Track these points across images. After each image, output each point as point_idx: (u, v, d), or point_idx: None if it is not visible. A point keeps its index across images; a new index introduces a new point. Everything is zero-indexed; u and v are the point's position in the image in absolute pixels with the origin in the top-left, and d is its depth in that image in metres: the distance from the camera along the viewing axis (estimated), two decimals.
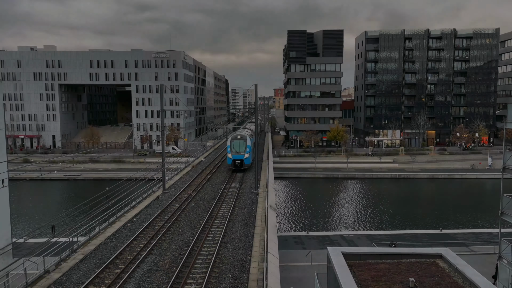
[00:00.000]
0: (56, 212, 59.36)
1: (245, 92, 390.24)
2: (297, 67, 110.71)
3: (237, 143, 51.67)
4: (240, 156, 51.11)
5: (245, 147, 51.17)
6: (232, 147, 51.47)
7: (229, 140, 52.26)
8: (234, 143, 51.68)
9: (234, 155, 51.20)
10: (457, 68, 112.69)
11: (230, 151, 51.36)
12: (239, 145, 51.50)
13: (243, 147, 51.30)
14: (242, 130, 62.92)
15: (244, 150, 51.04)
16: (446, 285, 15.82)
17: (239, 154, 51.08)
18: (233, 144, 51.66)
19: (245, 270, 21.08)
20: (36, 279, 19.80)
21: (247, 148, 51.17)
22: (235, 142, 51.71)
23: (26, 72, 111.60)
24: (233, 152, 51.20)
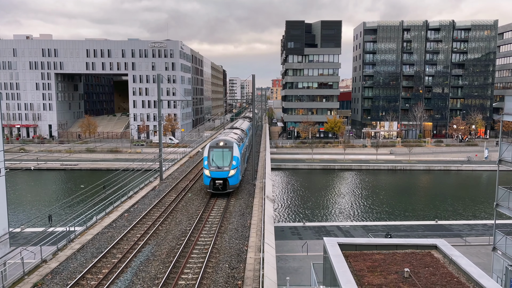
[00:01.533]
0: (53, 202, 59.35)
1: (243, 82, 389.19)
2: (295, 57, 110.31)
3: (218, 153, 34.84)
4: (222, 173, 33.82)
5: (230, 159, 34.43)
6: (210, 159, 34.57)
7: (207, 148, 35.32)
8: (214, 154, 34.78)
9: (213, 172, 33.78)
10: (455, 60, 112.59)
11: (207, 166, 34.22)
12: (221, 156, 34.71)
13: (227, 159, 34.51)
14: (228, 131, 45.67)
15: (229, 164, 34.21)
16: (440, 275, 15.98)
17: (221, 171, 33.86)
18: (212, 155, 34.72)
19: (241, 260, 21.21)
20: (33, 268, 19.86)
21: (234, 160, 34.54)
22: (215, 152, 34.88)
23: (22, 61, 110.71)
24: (212, 167, 34.02)
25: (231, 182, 34.19)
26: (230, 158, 34.47)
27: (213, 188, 34.01)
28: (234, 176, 34.27)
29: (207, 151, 35.10)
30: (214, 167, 33.95)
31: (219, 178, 33.74)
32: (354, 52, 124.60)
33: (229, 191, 34.30)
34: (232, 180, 34.18)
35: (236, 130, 47.23)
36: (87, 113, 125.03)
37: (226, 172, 33.95)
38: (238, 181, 35.11)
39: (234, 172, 34.20)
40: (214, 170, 33.81)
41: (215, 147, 35.15)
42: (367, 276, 15.99)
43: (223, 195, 34.70)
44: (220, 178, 33.72)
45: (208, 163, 34.33)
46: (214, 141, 35.94)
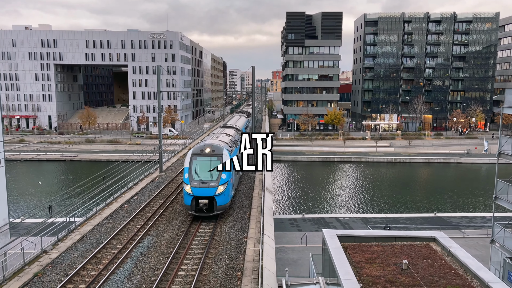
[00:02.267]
0: (53, 193, 59.49)
1: (243, 74, 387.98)
2: (295, 49, 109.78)
3: (203, 163, 26.48)
4: (207, 190, 25.45)
5: (218, 172, 25.84)
6: (193, 170, 26.27)
7: (189, 156, 27.20)
8: (198, 163, 26.52)
9: (196, 188, 25.49)
10: (456, 53, 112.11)
11: (188, 180, 25.87)
12: (207, 167, 26.22)
13: (215, 172, 25.85)
14: (219, 131, 35.93)
15: (218, 177, 25.80)
16: (438, 267, 16.08)
17: (206, 186, 25.49)
18: (195, 165, 26.46)
19: (241, 251, 21.32)
20: (33, 259, 19.97)
21: (224, 172, 25.81)
22: (199, 162, 26.59)
23: (21, 52, 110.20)
24: (194, 182, 25.69)
25: (220, 201, 25.37)
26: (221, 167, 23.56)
27: (195, 210, 25.22)
28: (224, 194, 25.48)
29: (188, 160, 26.47)
30: (197, 181, 25.29)
31: (204, 197, 25.09)
32: (355, 44, 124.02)
33: (217, 213, 25.65)
34: (220, 199, 25.34)
35: (229, 130, 37.59)
36: (86, 104, 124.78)
37: (213, 188, 25.23)
38: (228, 199, 26.33)
39: (224, 188, 25.37)
40: (197, 185, 25.15)
41: (199, 154, 26.55)
42: (365, 267, 16.09)
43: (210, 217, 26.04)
44: (204, 196, 25.10)
45: (190, 176, 25.65)
46: (198, 147, 27.39)
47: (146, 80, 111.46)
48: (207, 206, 25.25)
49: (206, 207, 25.24)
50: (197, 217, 26.10)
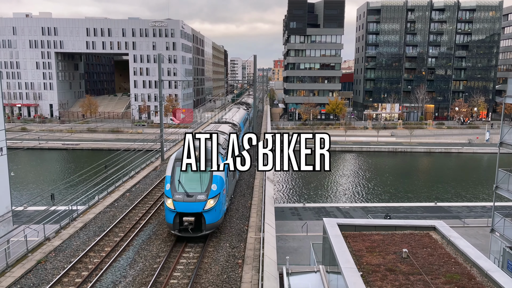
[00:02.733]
0: (55, 181, 59.76)
1: (244, 63, 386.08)
2: (297, 38, 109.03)
3: (189, 174, 21.44)
4: (193, 205, 20.69)
5: (208, 181, 21.35)
6: (176, 180, 21.48)
7: (171, 162, 22.43)
8: (183, 175, 21.53)
9: (179, 203, 20.70)
10: (459, 41, 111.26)
11: (170, 192, 21.12)
12: (193, 175, 21.44)
13: (203, 180, 21.40)
14: (213, 129, 30.45)
15: (207, 189, 21.11)
16: (438, 256, 16.19)
17: (192, 201, 20.72)
18: (179, 174, 21.61)
19: (242, 239, 21.47)
20: (36, 246, 20.15)
21: (215, 181, 21.33)
22: (184, 172, 21.37)
23: (22, 40, 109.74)
24: (177, 195, 20.87)
25: (210, 218, 20.52)
26: (209, 179, 20.99)
27: (179, 229, 20.46)
28: (214, 209, 20.62)
29: (170, 167, 21.73)
30: (181, 194, 20.44)
31: (189, 213, 20.31)
32: (357, 32, 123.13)
33: (206, 233, 20.63)
34: (210, 215, 20.51)
35: (224, 126, 31.75)
36: (87, 93, 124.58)
37: (200, 203, 20.35)
38: (220, 215, 21.35)
39: (214, 202, 20.56)
40: (180, 199, 20.30)
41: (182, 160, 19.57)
42: (365, 256, 16.21)
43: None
44: (190, 213, 20.31)
45: (172, 187, 20.87)
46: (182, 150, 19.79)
47: (147, 68, 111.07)
48: (193, 225, 20.22)
49: (192, 226, 20.20)
50: None
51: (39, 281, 16.97)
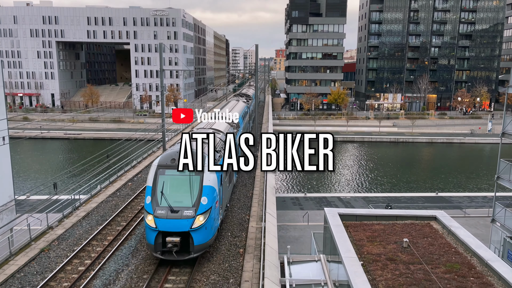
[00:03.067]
0: (57, 170, 59.98)
1: (246, 52, 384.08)
2: (299, 27, 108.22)
3: (175, 181, 17.85)
4: (178, 222, 16.83)
5: (197, 193, 17.43)
6: (158, 192, 17.61)
7: (153, 169, 18.49)
8: (167, 181, 17.90)
9: (161, 220, 16.85)
10: (462, 31, 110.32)
11: (151, 207, 17.29)
12: (181, 184, 17.72)
13: (192, 191, 17.51)
14: (206, 126, 25.65)
15: (195, 202, 17.26)
16: (438, 245, 16.27)
17: (177, 217, 16.85)
18: (162, 184, 17.79)
19: (243, 229, 21.59)
20: (40, 235, 20.30)
21: (205, 193, 17.48)
22: (169, 179, 17.95)
23: (23, 29, 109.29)
24: (160, 211, 17.05)
25: (199, 238, 16.95)
26: (198, 191, 17.31)
27: (161, 251, 16.94)
28: (205, 227, 17.06)
29: (152, 175, 18.01)
30: (164, 209, 16.87)
31: (174, 233, 16.79)
32: (360, 22, 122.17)
33: (195, 255, 17.04)
34: (199, 235, 16.93)
35: (219, 124, 27.10)
36: (89, 82, 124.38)
37: (187, 220, 16.71)
38: (212, 234, 17.83)
39: (205, 218, 16.96)
40: (163, 215, 16.72)
41: (168, 167, 17.91)
42: (366, 245, 16.29)
43: None
44: (174, 232, 16.79)
45: (153, 200, 17.31)
46: (168, 154, 18.65)
47: (148, 58, 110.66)
48: (178, 247, 16.54)
49: (177, 248, 16.53)
50: None
51: (43, 269, 17.14)
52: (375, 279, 13.69)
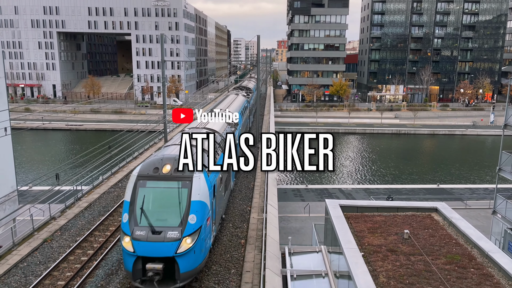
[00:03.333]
0: (59, 161, 60.14)
1: (247, 43, 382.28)
2: (301, 18, 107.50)
3: (157, 194, 14.85)
4: (162, 246, 13.75)
5: (183, 210, 14.32)
6: (137, 208, 14.46)
7: (132, 181, 15.12)
8: (148, 195, 14.73)
9: (140, 243, 13.75)
10: (465, 22, 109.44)
11: (127, 227, 14.14)
12: (165, 199, 14.86)
13: (179, 210, 14.36)
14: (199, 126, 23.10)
15: (182, 221, 14.15)
16: (439, 237, 16.31)
17: (160, 240, 13.74)
18: (142, 198, 14.61)
19: (245, 220, 21.68)
20: (42, 225, 20.43)
21: (193, 210, 14.36)
22: (150, 192, 14.81)
23: (24, 19, 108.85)
24: (140, 231, 13.92)
25: (185, 265, 14.12)
26: (185, 207, 14.46)
27: (140, 280, 14.06)
28: (193, 251, 14.23)
29: (130, 188, 15.04)
30: (144, 230, 14.03)
31: (155, 258, 14.00)
32: (362, 12, 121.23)
33: (181, 285, 14.11)
34: (187, 261, 14.13)
35: (215, 124, 23.53)
36: (90, 73, 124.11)
37: (171, 244, 13.86)
38: (202, 258, 14.93)
39: (193, 241, 14.11)
40: (142, 237, 13.88)
41: (150, 177, 15.03)
42: (367, 237, 16.35)
43: None
44: (156, 257, 14.00)
45: (132, 218, 14.39)
46: (150, 162, 15.53)
47: (150, 49, 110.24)
48: (161, 275, 13.72)
49: (159, 277, 13.69)
50: None
51: (46, 259, 17.28)
52: (376, 270, 13.76)
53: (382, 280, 13.14)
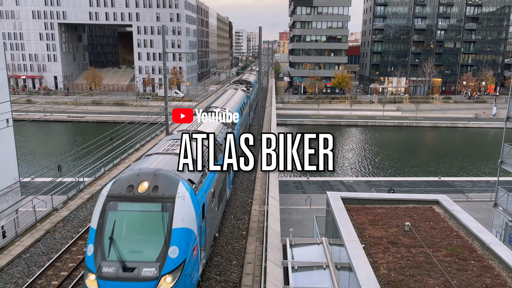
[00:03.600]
0: (61, 153, 60.27)
1: (249, 35, 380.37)
2: (303, 9, 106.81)
3: (131, 219, 11.65)
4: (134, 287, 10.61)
5: (163, 241, 11.21)
6: (106, 237, 11.33)
7: (101, 201, 11.92)
8: (120, 220, 11.57)
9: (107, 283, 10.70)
10: (469, 13, 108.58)
11: (93, 263, 10.99)
12: (141, 225, 11.68)
13: (159, 239, 11.28)
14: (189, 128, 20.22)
15: (159, 257, 11.06)
16: (440, 229, 16.35)
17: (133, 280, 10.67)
18: (112, 224, 11.45)
19: (246, 211, 21.74)
20: (45, 216, 20.53)
21: (175, 241, 11.21)
22: (123, 216, 11.63)
23: (25, 10, 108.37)
24: (108, 267, 10.87)
25: None
26: (165, 236, 11.39)
27: None
28: None
29: (98, 211, 11.90)
30: (114, 265, 11.00)
31: None
32: (365, 4, 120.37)
33: None
34: None
35: (209, 125, 20.91)
36: (91, 65, 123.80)
37: (146, 284, 10.81)
38: None
39: (174, 279, 11.06)
40: (110, 275, 10.83)
41: (122, 198, 11.92)
42: (368, 229, 16.40)
43: None
44: None
45: (98, 249, 11.30)
46: (123, 178, 12.53)
47: (151, 40, 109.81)
48: None
49: None
50: None
51: (48, 250, 17.38)
52: (377, 262, 13.81)
53: (382, 272, 13.20)
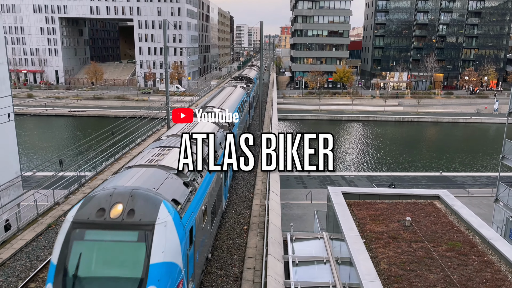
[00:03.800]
0: (63, 147, 60.36)
1: (250, 30, 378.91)
2: (305, 3, 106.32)
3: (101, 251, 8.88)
4: None
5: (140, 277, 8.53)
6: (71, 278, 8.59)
7: (65, 230, 9.13)
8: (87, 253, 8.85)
9: None
10: (471, 8, 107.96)
11: None
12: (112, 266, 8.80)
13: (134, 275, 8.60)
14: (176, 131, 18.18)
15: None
16: (441, 224, 16.36)
17: None
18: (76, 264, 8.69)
19: (247, 206, 21.78)
20: (46, 210, 20.59)
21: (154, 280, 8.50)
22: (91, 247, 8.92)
23: (25, 4, 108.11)
24: None
25: None
26: (141, 274, 8.67)
27: None
28: None
29: (60, 241, 9.12)
30: None
31: None
32: None
33: None
34: None
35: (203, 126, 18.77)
36: (92, 59, 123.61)
37: None
38: None
39: None
40: None
41: (91, 226, 9.17)
42: (369, 224, 16.42)
43: None
44: None
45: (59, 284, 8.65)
46: (93, 200, 9.62)
47: (152, 35, 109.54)
48: None
49: None
50: None
51: (50, 244, 17.44)
52: (377, 257, 13.84)
53: (383, 267, 13.23)
